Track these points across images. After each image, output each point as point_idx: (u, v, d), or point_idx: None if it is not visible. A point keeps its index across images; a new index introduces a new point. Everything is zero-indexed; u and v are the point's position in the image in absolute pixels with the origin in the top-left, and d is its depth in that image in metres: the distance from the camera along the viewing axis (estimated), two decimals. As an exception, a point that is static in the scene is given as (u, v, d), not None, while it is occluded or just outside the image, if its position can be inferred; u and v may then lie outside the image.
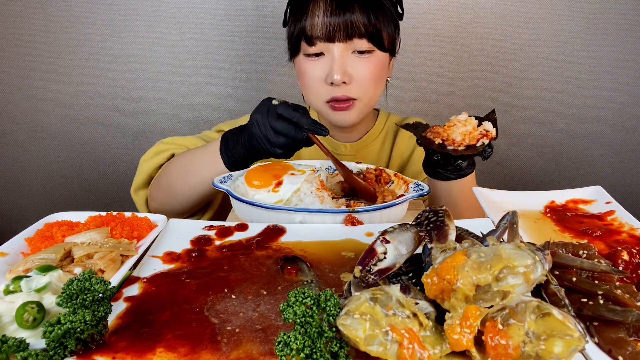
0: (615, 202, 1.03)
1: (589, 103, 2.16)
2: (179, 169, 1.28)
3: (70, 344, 0.62)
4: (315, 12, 1.27)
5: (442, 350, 0.60)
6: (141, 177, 1.37)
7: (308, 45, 1.30)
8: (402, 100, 2.14)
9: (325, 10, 1.26)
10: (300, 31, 1.30)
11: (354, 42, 1.28)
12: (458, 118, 1.09)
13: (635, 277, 0.75)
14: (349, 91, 1.31)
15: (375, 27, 1.27)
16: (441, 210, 0.76)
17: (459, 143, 1.07)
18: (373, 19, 1.27)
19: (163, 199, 1.32)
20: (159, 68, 2.09)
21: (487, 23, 2.05)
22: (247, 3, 2.01)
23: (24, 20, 2.02)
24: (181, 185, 1.27)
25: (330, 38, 1.27)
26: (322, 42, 1.28)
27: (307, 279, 0.80)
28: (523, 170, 2.27)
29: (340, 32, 1.26)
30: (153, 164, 1.37)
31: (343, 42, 1.27)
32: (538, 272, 0.60)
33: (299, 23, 1.30)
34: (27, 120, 2.16)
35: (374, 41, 1.29)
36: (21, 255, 0.90)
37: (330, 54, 1.29)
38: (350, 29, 1.26)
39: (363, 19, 1.26)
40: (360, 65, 1.30)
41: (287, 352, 0.56)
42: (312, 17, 1.27)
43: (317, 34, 1.27)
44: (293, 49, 1.37)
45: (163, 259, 0.88)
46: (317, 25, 1.26)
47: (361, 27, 1.26)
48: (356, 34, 1.26)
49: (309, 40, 1.29)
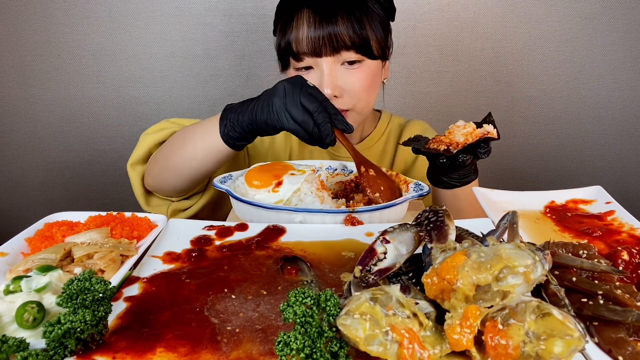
0: (615, 202, 1.03)
1: (589, 103, 2.17)
2: (176, 141, 1.23)
3: (70, 344, 0.62)
4: (300, 26, 1.24)
5: (442, 350, 0.60)
6: (140, 151, 1.32)
7: (295, 61, 1.29)
8: (403, 101, 2.14)
9: (308, 24, 1.23)
10: (287, 46, 1.28)
11: (342, 54, 1.25)
12: (456, 125, 1.09)
13: (635, 277, 0.75)
14: (342, 103, 1.29)
15: (361, 37, 1.24)
16: (441, 210, 0.76)
17: (462, 144, 1.06)
18: (358, 29, 1.23)
19: (158, 172, 1.26)
20: (159, 68, 2.09)
21: (487, 23, 2.05)
22: (247, 3, 2.01)
23: (24, 20, 2.02)
24: (176, 158, 1.21)
25: (316, 53, 1.24)
26: (309, 57, 1.26)
27: (307, 279, 0.80)
28: (523, 170, 2.27)
29: (326, 46, 1.23)
30: (154, 139, 1.31)
31: (330, 56, 1.24)
32: (538, 272, 0.60)
33: (284, 36, 1.28)
34: (27, 120, 2.16)
35: (362, 51, 1.26)
36: (21, 255, 0.90)
37: (319, 68, 1.26)
38: (335, 42, 1.23)
39: (348, 31, 1.22)
40: (350, 77, 1.27)
41: (287, 352, 0.56)
42: (296, 31, 1.25)
43: (302, 49, 1.25)
44: (283, 62, 1.35)
45: (163, 259, 0.88)
46: (302, 40, 1.24)
47: (347, 39, 1.23)
48: (342, 46, 1.23)
49: (296, 56, 1.27)
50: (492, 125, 1.07)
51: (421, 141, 1.16)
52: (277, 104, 1.05)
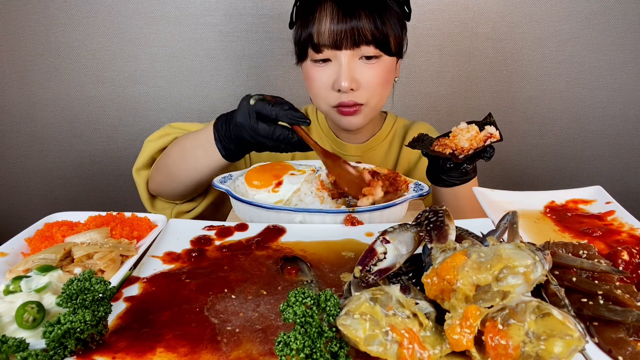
0: (615, 202, 1.03)
1: (589, 103, 2.17)
2: (177, 152, 1.27)
3: (70, 344, 0.62)
4: (322, 19, 1.26)
5: (442, 350, 0.60)
6: (144, 158, 1.36)
7: (315, 52, 1.30)
8: (403, 101, 2.14)
9: (332, 17, 1.25)
10: (307, 38, 1.30)
11: (361, 49, 1.27)
12: (460, 127, 1.09)
13: (635, 277, 0.75)
14: (357, 97, 1.31)
15: (382, 32, 1.26)
16: (441, 210, 0.76)
17: (467, 149, 1.06)
18: (380, 25, 1.26)
19: (161, 180, 1.31)
20: (159, 68, 2.09)
21: (487, 23, 2.05)
22: (247, 3, 2.01)
23: (24, 20, 2.02)
24: (178, 170, 1.26)
25: (337, 46, 1.26)
26: (329, 49, 1.27)
27: (307, 279, 0.80)
28: (523, 170, 2.27)
29: (347, 39, 1.25)
30: (157, 146, 1.35)
31: (350, 50, 1.27)
32: (538, 272, 0.60)
33: (306, 29, 1.30)
34: (27, 120, 2.16)
35: (381, 47, 1.28)
36: (21, 255, 0.90)
37: (338, 60, 1.28)
38: (357, 36, 1.25)
39: (370, 26, 1.25)
40: (367, 71, 1.30)
41: (287, 352, 0.56)
42: (318, 24, 1.26)
43: (323, 41, 1.26)
44: (300, 54, 1.36)
45: (163, 259, 0.88)
46: (324, 32, 1.26)
47: (368, 34, 1.25)
48: (363, 41, 1.26)
49: (316, 48, 1.29)
50: (494, 126, 1.07)
51: (425, 141, 1.16)
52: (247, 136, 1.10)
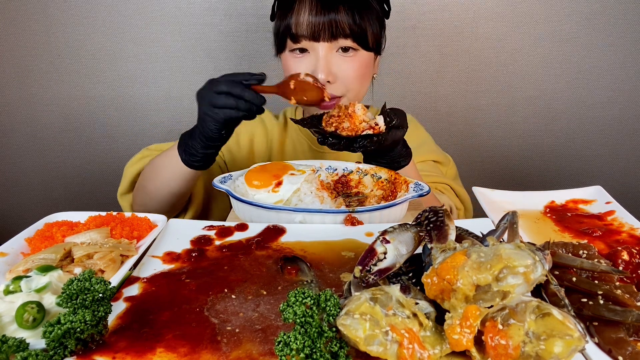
0: (615, 202, 1.03)
1: (589, 103, 2.17)
2: (149, 170, 1.31)
3: (70, 344, 0.62)
4: (301, 11, 1.28)
5: (442, 350, 0.60)
6: (126, 182, 1.40)
7: (292, 42, 1.32)
8: (403, 101, 2.14)
9: (310, 9, 1.26)
10: (286, 28, 1.31)
11: (339, 42, 1.29)
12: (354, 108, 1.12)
13: (635, 277, 0.75)
14: (334, 89, 1.32)
15: (360, 27, 1.28)
16: (441, 210, 0.76)
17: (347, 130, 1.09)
18: (358, 19, 1.27)
19: (142, 200, 1.34)
20: (159, 68, 2.09)
21: (487, 23, 2.05)
22: (247, 3, 2.01)
23: (24, 20, 2.02)
24: (152, 186, 1.29)
25: (315, 37, 1.28)
26: (307, 40, 1.29)
27: (307, 279, 0.80)
28: (523, 170, 2.27)
29: (325, 31, 1.26)
30: (136, 169, 1.39)
31: (328, 42, 1.28)
32: (538, 272, 0.60)
33: (285, 20, 1.31)
34: (26, 121, 2.16)
35: (359, 41, 1.30)
36: (21, 255, 0.90)
37: (315, 52, 1.30)
38: (335, 29, 1.26)
39: (348, 19, 1.26)
40: (344, 64, 1.31)
41: (287, 352, 0.56)
42: (297, 15, 1.28)
43: (302, 32, 1.28)
44: (279, 45, 1.38)
45: (163, 259, 0.88)
46: (302, 23, 1.27)
47: (346, 28, 1.27)
48: (341, 34, 1.27)
49: (294, 38, 1.30)
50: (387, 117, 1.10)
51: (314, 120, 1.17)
52: (201, 110, 1.14)
